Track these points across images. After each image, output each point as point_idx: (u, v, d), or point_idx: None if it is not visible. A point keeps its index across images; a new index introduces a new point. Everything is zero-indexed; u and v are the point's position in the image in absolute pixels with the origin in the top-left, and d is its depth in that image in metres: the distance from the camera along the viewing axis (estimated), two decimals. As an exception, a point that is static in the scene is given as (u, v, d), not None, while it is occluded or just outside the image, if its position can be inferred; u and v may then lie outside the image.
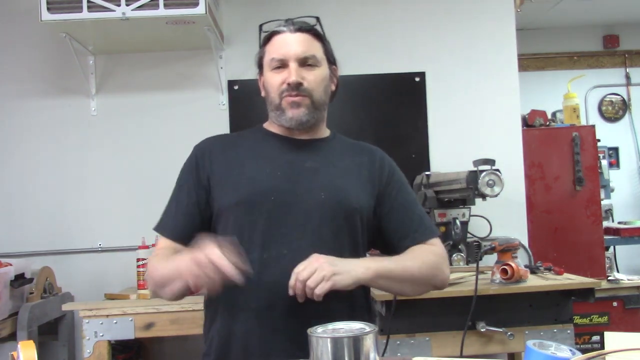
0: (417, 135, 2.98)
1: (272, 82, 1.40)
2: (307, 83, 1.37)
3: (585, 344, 3.00)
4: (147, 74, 2.97)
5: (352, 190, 1.38)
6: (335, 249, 1.33)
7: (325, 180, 1.37)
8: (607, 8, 4.20)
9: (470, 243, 2.61)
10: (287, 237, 1.33)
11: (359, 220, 1.38)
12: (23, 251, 2.84)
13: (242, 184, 1.37)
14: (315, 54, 1.40)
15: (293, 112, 1.38)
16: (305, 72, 1.38)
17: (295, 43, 1.38)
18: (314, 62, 1.39)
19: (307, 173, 1.38)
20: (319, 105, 1.41)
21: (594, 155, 3.12)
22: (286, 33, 1.40)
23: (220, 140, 1.51)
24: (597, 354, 0.92)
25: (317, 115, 1.41)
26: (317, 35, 1.44)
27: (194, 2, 2.41)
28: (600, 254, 3.07)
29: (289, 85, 1.36)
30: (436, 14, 3.03)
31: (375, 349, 0.94)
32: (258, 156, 1.42)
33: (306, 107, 1.38)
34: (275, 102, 1.40)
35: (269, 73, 1.41)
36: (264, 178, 1.37)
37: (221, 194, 1.38)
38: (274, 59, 1.39)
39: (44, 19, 2.40)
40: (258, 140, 1.47)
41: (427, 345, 2.10)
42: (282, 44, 1.39)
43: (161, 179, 2.77)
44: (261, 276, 1.30)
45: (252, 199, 1.34)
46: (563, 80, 3.78)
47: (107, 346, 2.30)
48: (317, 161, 1.40)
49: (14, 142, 2.93)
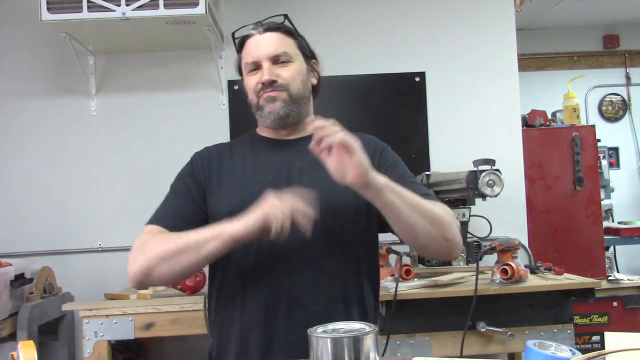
0: (417, 135, 2.98)
1: (249, 85, 1.43)
2: (281, 79, 1.39)
3: (585, 344, 3.00)
4: (147, 74, 2.97)
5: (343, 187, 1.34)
6: (334, 247, 1.34)
7: (316, 179, 1.36)
8: (607, 8, 4.20)
9: (470, 243, 2.60)
10: (281, 240, 1.32)
11: (353, 216, 1.37)
12: (23, 251, 2.84)
13: (233, 192, 1.38)
14: (286, 50, 1.41)
15: (270, 107, 1.40)
16: (279, 69, 1.40)
17: (265, 43, 1.41)
18: (287, 58, 1.41)
19: (296, 174, 1.39)
20: (298, 98, 1.41)
21: (594, 155, 3.12)
22: (256, 35, 1.43)
23: (217, 149, 1.51)
24: (597, 354, 0.92)
25: (298, 109, 1.42)
26: (287, 32, 1.45)
27: (194, 2, 2.41)
28: (600, 254, 3.07)
29: (263, 84, 1.38)
30: (436, 14, 3.03)
31: (375, 349, 0.94)
32: (249, 162, 1.43)
33: (282, 101, 1.39)
34: (254, 102, 1.43)
35: (247, 77, 1.44)
36: (255, 184, 1.37)
37: (214, 202, 1.40)
38: (248, 63, 1.42)
39: (44, 19, 2.40)
40: (248, 146, 1.48)
41: (427, 345, 2.10)
42: (253, 47, 1.42)
43: (161, 179, 2.76)
44: (257, 279, 1.33)
45: (243, 206, 1.33)
46: (563, 80, 3.77)
47: (107, 346, 2.29)
48: (306, 160, 1.38)
49: (14, 142, 2.93)
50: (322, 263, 1.34)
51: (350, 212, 1.37)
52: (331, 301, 1.33)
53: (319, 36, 1.51)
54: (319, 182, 1.34)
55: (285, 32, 1.45)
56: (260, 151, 1.45)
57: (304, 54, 1.46)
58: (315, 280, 1.33)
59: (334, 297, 1.34)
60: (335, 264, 1.35)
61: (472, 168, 2.42)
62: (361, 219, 1.39)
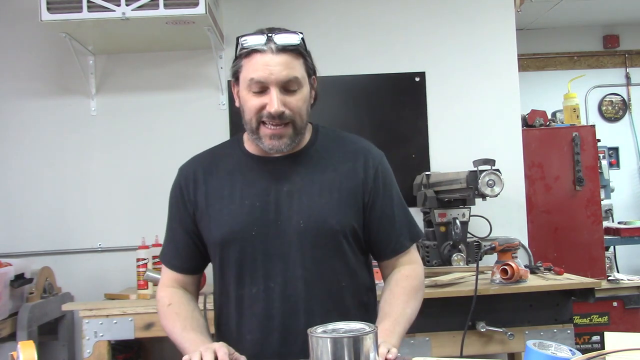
0: (417, 135, 2.98)
1: (250, 105, 1.31)
2: (289, 110, 1.30)
3: (585, 344, 3.00)
4: (147, 74, 2.97)
5: (333, 209, 1.35)
6: (324, 274, 1.34)
7: (304, 204, 1.34)
8: (607, 8, 4.20)
9: (470, 243, 2.61)
10: (273, 270, 1.33)
11: (344, 240, 1.35)
12: (23, 251, 2.84)
13: (222, 221, 1.36)
14: (297, 75, 1.31)
15: (272, 144, 1.32)
16: (288, 96, 1.30)
17: (277, 66, 1.28)
18: (297, 86, 1.31)
19: (285, 199, 1.35)
20: (301, 129, 1.35)
21: (594, 155, 3.12)
22: (267, 54, 1.28)
23: (202, 165, 1.43)
24: (597, 354, 0.92)
25: (299, 139, 1.37)
26: (299, 52, 1.33)
27: (194, 2, 2.41)
28: (600, 254, 3.07)
29: (271, 114, 1.29)
30: (436, 14, 3.03)
31: (375, 349, 0.94)
32: (236, 183, 1.38)
33: (288, 137, 1.33)
34: (252, 126, 1.33)
35: (247, 94, 1.32)
36: (244, 212, 1.35)
37: (205, 230, 1.39)
38: (254, 80, 1.29)
39: (44, 19, 2.40)
40: (236, 163, 1.42)
41: (427, 345, 2.10)
42: (263, 66, 1.28)
43: (161, 179, 2.77)
44: (252, 310, 1.34)
45: (233, 236, 1.34)
46: (563, 80, 3.78)
47: (107, 346, 2.30)
48: (296, 182, 1.36)
49: (14, 142, 2.93)
50: (313, 290, 1.33)
51: (341, 235, 1.35)
52: None
53: (318, 36, 1.50)
54: (306, 209, 1.34)
55: (298, 52, 1.32)
56: (249, 170, 1.39)
57: (309, 73, 1.37)
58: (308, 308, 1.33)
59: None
60: (326, 291, 1.34)
61: (472, 168, 2.42)
62: (349, 243, 1.37)
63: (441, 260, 2.57)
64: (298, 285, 1.32)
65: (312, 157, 1.40)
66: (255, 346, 1.33)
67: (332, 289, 1.35)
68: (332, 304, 1.35)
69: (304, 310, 1.32)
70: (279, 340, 1.32)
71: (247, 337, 1.34)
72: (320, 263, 1.34)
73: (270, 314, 1.32)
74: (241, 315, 1.35)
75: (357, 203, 1.37)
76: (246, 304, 1.34)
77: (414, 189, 2.86)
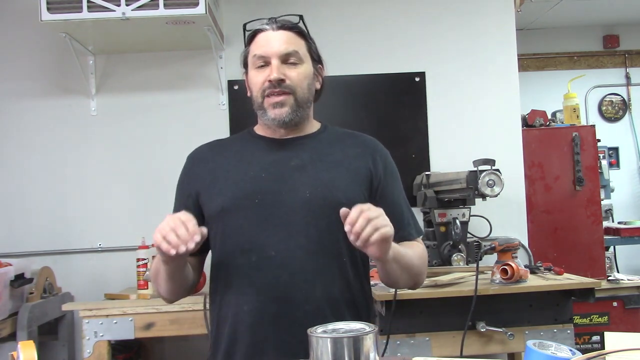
0: (417, 135, 2.98)
1: (255, 81, 1.39)
2: (289, 80, 1.37)
3: (585, 344, 2.99)
4: (147, 74, 2.97)
5: (341, 184, 1.36)
6: (327, 246, 1.33)
7: (311, 177, 1.36)
8: (607, 8, 4.20)
9: (470, 243, 2.61)
10: (273, 239, 1.32)
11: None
12: (23, 251, 2.84)
13: (226, 190, 1.37)
14: (298, 50, 1.39)
15: (275, 113, 1.37)
16: (288, 69, 1.37)
17: (277, 40, 1.38)
18: (297, 59, 1.38)
19: (292, 172, 1.37)
20: (303, 102, 1.40)
21: (594, 155, 3.12)
22: (269, 31, 1.40)
23: (210, 147, 1.50)
24: (597, 354, 0.92)
25: (301, 113, 1.40)
26: (300, 32, 1.43)
27: (194, 2, 2.41)
28: (600, 254, 3.07)
29: (271, 82, 1.35)
30: (436, 14, 3.03)
31: (375, 349, 0.94)
32: (243, 160, 1.42)
33: (290, 107, 1.37)
34: (257, 101, 1.40)
35: (252, 71, 1.40)
36: (247, 181, 1.37)
37: (208, 201, 1.40)
38: (256, 56, 1.38)
39: (44, 19, 2.40)
40: (245, 144, 1.47)
41: (427, 345, 2.10)
42: (264, 42, 1.39)
43: (161, 178, 2.79)
44: (252, 279, 1.32)
45: (236, 203, 1.34)
46: (563, 80, 3.77)
47: (107, 346, 2.30)
48: (303, 158, 1.39)
49: (14, 142, 2.93)
50: (315, 260, 1.33)
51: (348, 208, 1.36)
52: (322, 299, 1.32)
53: (318, 36, 1.50)
54: (313, 181, 1.35)
55: (299, 32, 1.42)
56: (257, 149, 1.43)
57: (313, 57, 1.45)
58: (308, 278, 1.32)
59: (325, 295, 1.33)
60: (327, 263, 1.34)
61: (472, 168, 2.43)
62: None
63: (441, 260, 2.57)
64: (299, 254, 1.31)
65: (320, 141, 1.45)
66: (252, 316, 1.31)
67: (334, 261, 1.35)
68: (332, 276, 1.34)
69: (304, 280, 1.31)
70: (277, 310, 1.30)
71: (244, 308, 1.32)
72: (324, 234, 1.33)
73: (270, 283, 1.31)
74: (239, 284, 1.34)
75: (365, 183, 1.40)
76: (245, 272, 1.33)
77: (414, 189, 2.86)
